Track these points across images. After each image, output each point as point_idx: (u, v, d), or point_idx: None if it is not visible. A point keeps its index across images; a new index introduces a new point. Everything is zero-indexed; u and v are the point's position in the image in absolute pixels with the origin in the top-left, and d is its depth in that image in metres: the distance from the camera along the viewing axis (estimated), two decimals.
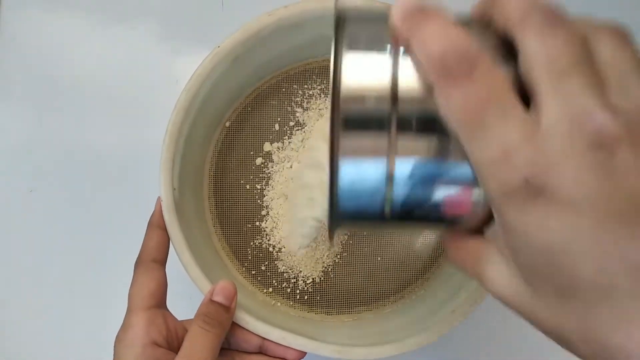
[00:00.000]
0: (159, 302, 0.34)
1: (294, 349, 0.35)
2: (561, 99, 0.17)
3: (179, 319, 0.35)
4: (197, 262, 0.35)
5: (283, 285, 0.41)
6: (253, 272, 0.41)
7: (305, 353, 0.35)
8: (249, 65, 0.40)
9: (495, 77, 0.17)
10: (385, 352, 0.35)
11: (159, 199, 0.36)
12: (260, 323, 0.35)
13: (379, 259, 0.41)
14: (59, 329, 0.46)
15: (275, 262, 0.41)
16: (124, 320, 0.34)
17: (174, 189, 0.36)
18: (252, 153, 0.42)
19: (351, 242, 0.41)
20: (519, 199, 0.17)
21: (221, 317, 0.33)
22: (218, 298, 0.34)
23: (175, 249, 0.35)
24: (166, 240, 0.36)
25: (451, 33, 0.18)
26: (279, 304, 0.40)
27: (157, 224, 0.36)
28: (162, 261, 0.36)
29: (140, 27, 0.49)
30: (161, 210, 0.36)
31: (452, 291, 0.38)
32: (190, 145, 0.38)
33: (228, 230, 0.41)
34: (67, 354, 0.46)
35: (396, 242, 0.41)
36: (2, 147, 0.48)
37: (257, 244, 0.41)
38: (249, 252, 0.41)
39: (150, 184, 0.45)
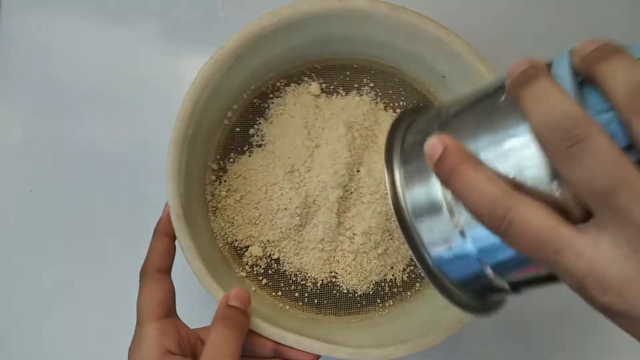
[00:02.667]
0: (169, 310, 0.34)
1: (309, 352, 0.35)
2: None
3: (179, 314, 0.35)
4: (208, 270, 0.35)
5: (291, 289, 0.41)
6: (260, 276, 0.41)
7: (319, 356, 0.36)
8: (250, 65, 0.39)
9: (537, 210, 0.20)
10: (398, 353, 0.35)
11: (166, 206, 0.35)
12: (275, 328, 0.35)
13: (386, 259, 0.41)
14: (58, 329, 0.46)
15: (283, 265, 0.41)
16: (135, 333, 0.33)
17: (181, 195, 0.36)
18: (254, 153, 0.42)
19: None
20: None
21: (239, 320, 0.33)
22: (234, 303, 0.34)
23: (185, 256, 0.35)
24: (172, 248, 0.36)
25: (481, 187, 0.21)
26: (287, 306, 0.40)
27: (163, 232, 0.35)
28: (168, 269, 0.36)
29: (141, 27, 0.48)
30: (168, 218, 0.35)
31: None
32: (193, 148, 0.37)
33: (233, 234, 0.41)
34: (67, 353, 0.46)
35: (404, 245, 0.41)
36: (2, 147, 0.47)
37: (263, 247, 0.41)
38: (256, 256, 0.40)
39: (150, 183, 0.45)
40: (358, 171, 0.40)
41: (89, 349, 0.46)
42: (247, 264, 0.41)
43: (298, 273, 0.41)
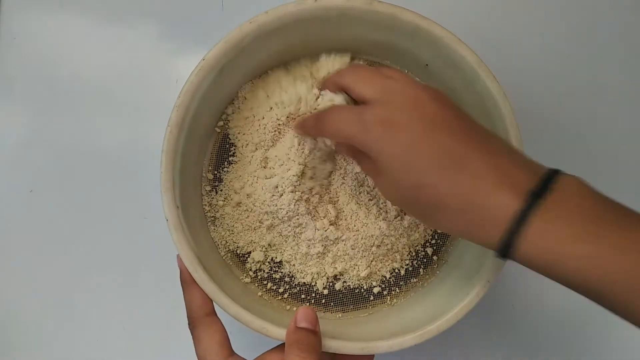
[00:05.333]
0: (230, 350, 0.34)
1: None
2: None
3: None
4: (209, 276, 0.35)
5: (297, 290, 0.41)
6: (265, 280, 0.41)
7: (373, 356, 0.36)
8: (235, 74, 0.40)
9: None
10: (406, 343, 0.35)
11: (178, 257, 0.35)
12: (281, 329, 0.35)
13: (389, 250, 0.41)
14: (58, 329, 0.47)
15: (286, 268, 0.41)
16: None
17: (177, 207, 0.36)
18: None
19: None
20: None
21: (313, 341, 0.33)
22: (303, 324, 0.33)
23: (187, 266, 0.35)
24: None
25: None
26: (294, 308, 0.41)
27: (191, 281, 0.35)
28: (214, 311, 0.35)
29: (140, 27, 0.49)
30: (187, 268, 0.35)
31: (461, 277, 0.39)
32: (187, 160, 0.38)
33: (234, 242, 0.41)
34: (67, 353, 0.47)
35: (403, 238, 0.41)
36: (2, 147, 0.48)
37: (264, 251, 0.41)
38: (258, 261, 0.41)
39: (149, 183, 0.46)
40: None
41: (89, 348, 0.46)
42: (250, 269, 0.41)
43: (302, 274, 0.41)
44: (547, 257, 0.27)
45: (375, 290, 0.42)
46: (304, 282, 0.41)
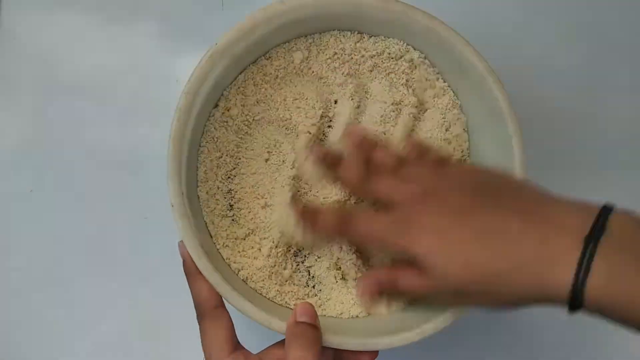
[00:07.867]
0: (236, 344, 0.34)
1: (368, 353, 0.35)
2: None
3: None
4: (214, 267, 0.35)
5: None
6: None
7: (377, 353, 0.36)
8: (247, 63, 0.39)
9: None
10: (407, 340, 0.35)
11: (181, 245, 0.35)
12: (282, 322, 0.34)
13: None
14: (58, 330, 0.47)
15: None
16: None
17: (183, 193, 0.35)
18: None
19: None
20: None
21: (313, 335, 0.33)
22: (303, 319, 0.33)
23: (192, 255, 0.35)
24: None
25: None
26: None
27: (196, 271, 0.35)
28: (222, 303, 0.35)
29: (140, 27, 0.49)
30: (191, 258, 0.35)
31: None
32: (194, 147, 0.37)
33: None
34: (67, 353, 0.47)
35: None
36: (2, 147, 0.48)
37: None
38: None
39: (150, 183, 0.46)
40: None
41: (90, 348, 0.46)
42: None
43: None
44: (619, 301, 0.27)
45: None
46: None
